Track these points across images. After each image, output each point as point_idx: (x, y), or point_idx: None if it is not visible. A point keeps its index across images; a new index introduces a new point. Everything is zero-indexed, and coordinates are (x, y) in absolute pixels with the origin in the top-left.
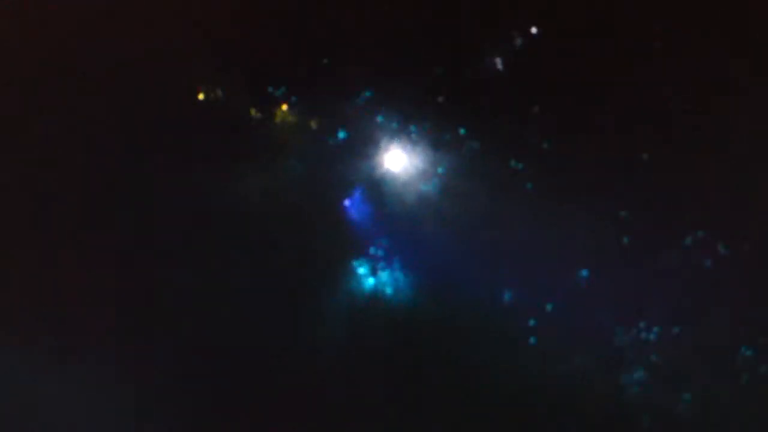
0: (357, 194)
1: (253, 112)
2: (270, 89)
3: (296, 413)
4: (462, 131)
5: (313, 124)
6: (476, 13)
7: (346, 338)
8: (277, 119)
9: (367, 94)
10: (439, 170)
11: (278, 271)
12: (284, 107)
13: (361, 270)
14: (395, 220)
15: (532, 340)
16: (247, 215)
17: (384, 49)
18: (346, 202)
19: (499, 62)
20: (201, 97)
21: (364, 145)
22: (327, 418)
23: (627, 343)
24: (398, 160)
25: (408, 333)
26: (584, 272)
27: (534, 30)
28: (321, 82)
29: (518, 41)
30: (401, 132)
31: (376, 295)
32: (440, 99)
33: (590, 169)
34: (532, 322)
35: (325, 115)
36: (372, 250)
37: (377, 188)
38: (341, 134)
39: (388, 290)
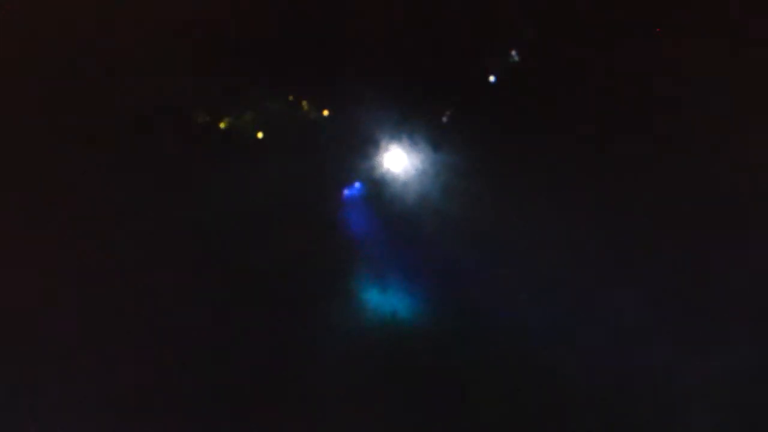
0: (356, 195)
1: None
2: (269, 89)
3: (294, 415)
4: (462, 132)
5: (311, 125)
6: (477, 15)
7: (345, 342)
8: (274, 120)
9: (368, 94)
10: (439, 170)
11: (276, 274)
12: (280, 107)
13: (361, 273)
14: (395, 221)
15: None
16: (245, 217)
17: (385, 50)
18: (345, 203)
19: (500, 64)
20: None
21: (364, 146)
22: (324, 420)
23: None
24: (398, 159)
25: (408, 337)
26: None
27: (534, 33)
28: (321, 82)
29: (519, 43)
30: (401, 132)
31: (376, 299)
32: (440, 100)
33: (594, 170)
34: (536, 326)
35: (324, 115)
36: (371, 253)
37: (377, 188)
38: (341, 135)
39: (389, 293)
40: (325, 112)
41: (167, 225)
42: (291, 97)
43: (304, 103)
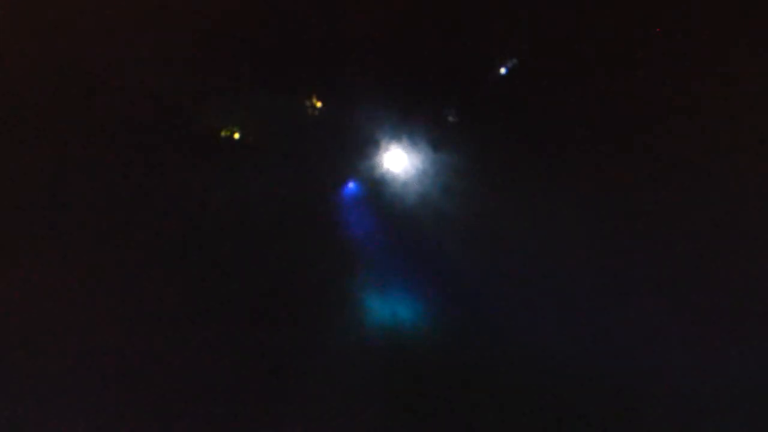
0: (356, 195)
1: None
2: (269, 89)
3: (294, 415)
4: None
5: (311, 125)
6: (478, 17)
7: (345, 341)
8: (274, 120)
9: (368, 94)
10: (439, 170)
11: (276, 274)
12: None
13: (361, 272)
14: (395, 221)
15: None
16: (245, 217)
17: (385, 50)
18: (345, 203)
19: (500, 64)
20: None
21: (364, 146)
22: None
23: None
24: (398, 159)
25: (408, 336)
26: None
27: (533, 35)
28: (321, 82)
29: (519, 45)
30: (401, 132)
31: (376, 298)
32: (440, 100)
33: (594, 170)
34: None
35: (325, 116)
36: (371, 252)
37: (377, 188)
38: (341, 135)
39: (389, 292)
40: (325, 112)
41: (167, 226)
42: (291, 97)
43: (304, 102)
